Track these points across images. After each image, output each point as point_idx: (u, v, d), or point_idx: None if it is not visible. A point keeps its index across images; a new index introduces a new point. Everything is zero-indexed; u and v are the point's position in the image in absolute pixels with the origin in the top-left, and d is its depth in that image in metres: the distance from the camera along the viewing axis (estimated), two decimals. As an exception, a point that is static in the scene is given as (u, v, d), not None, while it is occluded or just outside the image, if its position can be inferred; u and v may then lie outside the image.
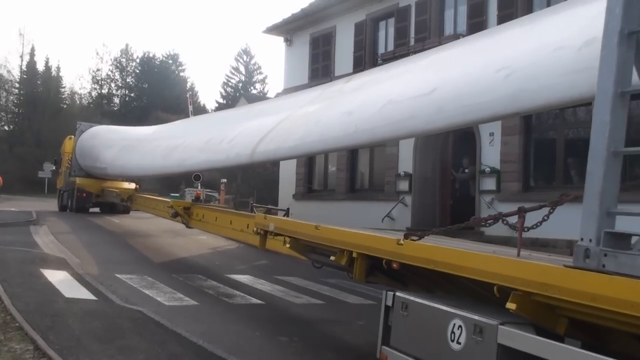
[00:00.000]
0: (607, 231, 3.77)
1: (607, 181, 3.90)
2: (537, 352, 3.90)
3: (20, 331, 7.55)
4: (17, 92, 71.98)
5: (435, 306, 5.04)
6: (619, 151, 3.89)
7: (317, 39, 24.57)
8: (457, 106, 7.36)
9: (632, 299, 3.41)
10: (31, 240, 17.91)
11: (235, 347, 7.80)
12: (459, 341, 4.66)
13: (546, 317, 4.29)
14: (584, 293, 3.77)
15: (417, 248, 5.56)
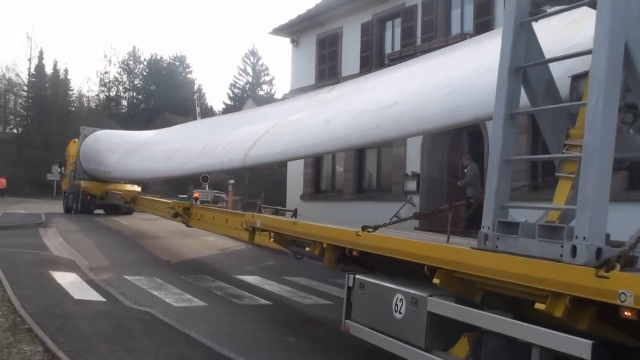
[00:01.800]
0: (500, 220, 4.90)
1: (500, 182, 5.00)
2: (456, 316, 5.14)
3: (30, 333, 7.55)
4: (25, 95, 71.94)
5: (384, 284, 6.25)
6: (509, 159, 5.01)
7: (323, 40, 24.49)
8: (412, 118, 8.37)
9: (515, 271, 4.56)
10: (40, 242, 17.91)
11: (244, 347, 7.77)
12: (400, 311, 5.82)
13: (465, 290, 5.34)
14: (485, 268, 4.91)
15: (370, 238, 6.65)
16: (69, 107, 72.58)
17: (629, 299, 3.67)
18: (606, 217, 4.14)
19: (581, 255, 4.06)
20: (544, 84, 5.14)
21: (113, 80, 79.08)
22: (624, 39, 4.20)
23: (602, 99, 4.09)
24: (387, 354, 6.17)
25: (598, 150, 4.17)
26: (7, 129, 70.67)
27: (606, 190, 4.20)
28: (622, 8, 4.18)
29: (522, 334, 4.47)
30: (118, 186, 27.70)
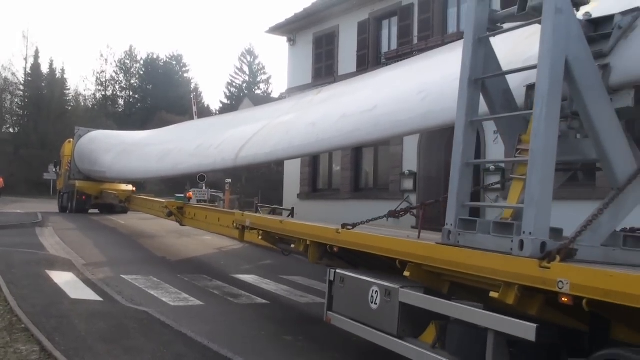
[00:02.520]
0: (461, 218, 5.39)
1: (461, 183, 5.47)
2: (424, 306, 5.71)
3: (27, 332, 7.57)
4: (21, 94, 71.75)
5: (361, 278, 6.79)
6: (469, 162, 5.48)
7: (320, 39, 24.51)
8: (389, 121, 8.81)
9: (473, 264, 5.07)
10: (37, 242, 17.94)
11: (241, 347, 7.79)
12: (376, 302, 6.35)
13: (433, 281, 5.86)
14: (448, 261, 5.41)
15: (349, 235, 7.17)
16: (66, 106, 72.40)
17: (566, 286, 4.18)
18: (549, 214, 4.61)
19: (527, 249, 4.55)
20: (502, 93, 5.59)
21: (109, 80, 78.94)
22: (565, 55, 4.68)
23: (545, 109, 4.59)
24: (382, 352, 6.43)
25: (542, 155, 4.64)
26: (4, 129, 70.50)
27: (549, 191, 4.64)
28: (563, 27, 4.65)
29: (479, 320, 5.00)
30: (112, 186, 28.14)
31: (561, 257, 4.36)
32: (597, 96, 4.86)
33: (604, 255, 4.78)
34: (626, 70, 4.94)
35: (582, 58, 4.79)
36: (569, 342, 4.72)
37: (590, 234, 4.67)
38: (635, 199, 4.98)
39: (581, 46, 4.83)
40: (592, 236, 4.70)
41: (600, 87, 4.88)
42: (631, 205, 4.95)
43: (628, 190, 4.93)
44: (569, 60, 4.72)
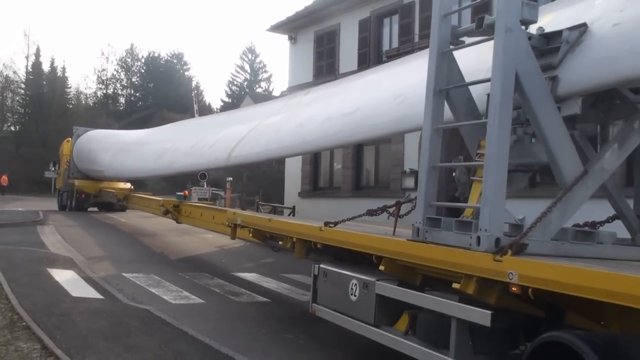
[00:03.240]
0: (428, 216, 5.88)
1: (428, 185, 5.97)
2: (398, 297, 6.26)
3: (28, 330, 7.61)
4: (23, 92, 72.01)
5: (341, 272, 7.30)
6: (435, 165, 5.98)
7: (321, 37, 24.56)
8: (369, 124, 9.15)
9: (438, 258, 5.62)
10: (38, 240, 18.04)
11: (242, 345, 7.84)
12: (355, 294, 6.86)
13: (407, 274, 6.34)
14: (417, 256, 5.99)
15: (331, 233, 7.68)
16: (67, 104, 72.64)
17: (515, 277, 4.70)
18: (503, 213, 5.16)
19: (483, 244, 5.06)
20: (465, 102, 6.06)
21: (111, 78, 79.18)
22: (515, 69, 5.19)
23: (497, 118, 5.11)
24: (381, 349, 6.68)
25: (495, 159, 5.15)
26: (5, 127, 70.79)
27: (502, 192, 5.17)
28: (512, 45, 5.17)
29: (444, 309, 5.56)
30: (111, 184, 28.74)
31: (513, 251, 4.88)
32: (545, 106, 5.36)
33: (554, 249, 5.24)
34: (572, 82, 5.46)
35: (530, 72, 5.29)
36: (528, 327, 5.14)
37: (540, 229, 5.16)
38: (582, 198, 5.43)
39: (530, 61, 5.34)
40: (542, 232, 5.18)
41: (548, 97, 5.38)
42: (578, 203, 5.41)
43: (575, 190, 5.38)
44: (519, 74, 5.21)
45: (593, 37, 5.52)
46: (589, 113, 6.11)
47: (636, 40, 5.19)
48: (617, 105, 6.10)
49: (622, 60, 5.23)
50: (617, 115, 6.20)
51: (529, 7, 5.33)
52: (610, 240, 5.68)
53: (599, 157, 5.71)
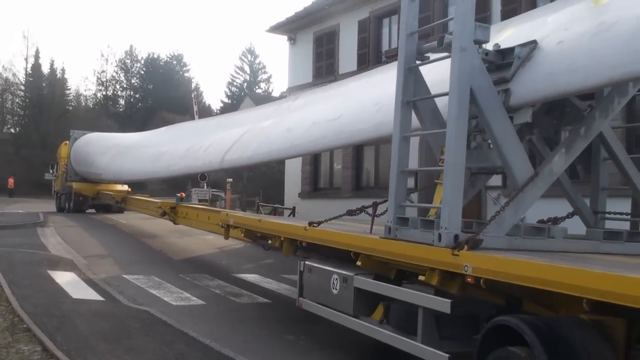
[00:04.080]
0: (398, 216, 6.54)
1: (398, 187, 6.67)
2: (374, 289, 6.90)
3: (28, 333, 7.67)
4: (22, 94, 72.04)
5: (324, 267, 7.97)
6: (404, 170, 6.72)
7: (320, 38, 24.63)
8: (350, 130, 9.73)
9: (407, 253, 6.30)
10: (38, 242, 18.13)
11: (243, 346, 7.91)
12: (336, 288, 7.50)
13: (382, 269, 6.96)
14: (389, 252, 6.61)
15: (314, 232, 8.32)
16: (67, 106, 72.75)
17: (469, 269, 5.33)
18: (460, 212, 5.79)
19: (444, 240, 5.72)
20: (430, 112, 6.70)
21: (110, 79, 79.06)
22: (470, 85, 5.82)
23: (454, 129, 5.75)
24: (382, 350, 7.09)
25: (453, 165, 5.78)
26: (5, 129, 70.82)
27: (460, 193, 5.79)
28: (467, 63, 5.81)
29: (412, 299, 6.21)
30: (109, 187, 29.23)
31: (469, 246, 5.49)
32: (498, 116, 6.02)
33: (508, 243, 5.87)
34: (522, 94, 6.10)
35: (483, 87, 5.94)
36: (490, 314, 5.61)
37: (495, 226, 5.83)
38: (533, 198, 6.06)
39: (483, 77, 5.98)
40: (497, 228, 5.84)
41: (500, 109, 6.05)
42: (529, 202, 6.05)
43: (526, 191, 6.01)
44: (473, 89, 5.85)
45: (541, 53, 6.13)
46: (544, 120, 6.96)
47: (574, 57, 5.78)
48: (567, 112, 6.84)
49: (562, 76, 5.86)
50: (568, 121, 6.95)
51: (481, 28, 6.01)
52: (561, 234, 6.28)
53: (548, 161, 6.34)
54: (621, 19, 5.59)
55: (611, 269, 4.67)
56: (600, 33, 5.68)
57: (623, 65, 5.31)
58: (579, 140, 6.45)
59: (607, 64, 5.47)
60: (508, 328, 4.74)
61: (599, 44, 5.64)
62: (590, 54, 5.66)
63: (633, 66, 5.26)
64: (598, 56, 5.58)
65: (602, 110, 6.54)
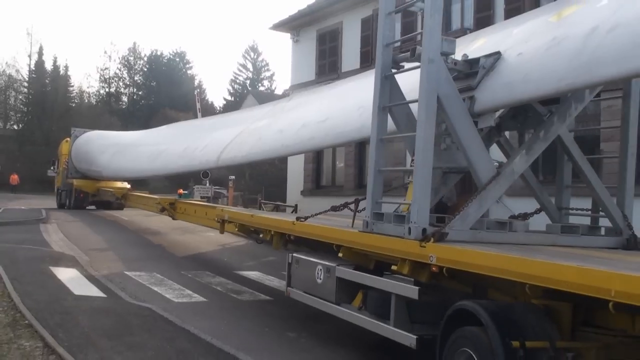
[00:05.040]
0: (374, 212, 7.18)
1: (375, 186, 7.25)
2: (353, 279, 7.52)
3: (30, 328, 7.73)
4: (25, 91, 72.34)
5: (310, 259, 8.64)
6: (381, 170, 7.28)
7: (323, 35, 24.74)
8: (335, 132, 10.25)
9: (381, 245, 6.93)
10: (41, 238, 18.26)
11: (245, 343, 7.98)
12: (320, 278, 8.15)
13: (361, 260, 7.59)
14: (366, 244, 7.27)
15: (301, 226, 9.04)
16: (70, 103, 72.93)
17: (434, 259, 5.99)
18: (428, 208, 6.46)
19: (413, 233, 6.35)
20: (405, 116, 7.27)
21: (113, 76, 79.13)
22: (437, 93, 6.46)
23: (423, 133, 6.40)
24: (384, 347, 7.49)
25: (421, 165, 6.42)
26: (8, 125, 71.00)
27: (428, 191, 6.45)
28: (434, 73, 6.44)
29: (386, 286, 6.87)
30: (109, 184, 29.93)
31: (435, 239, 6.15)
32: (463, 121, 6.64)
33: (472, 236, 6.47)
34: (484, 101, 6.75)
35: (449, 94, 6.57)
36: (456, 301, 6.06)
37: (460, 221, 6.44)
38: (495, 195, 6.70)
39: (449, 86, 6.62)
40: (462, 223, 6.45)
41: (465, 114, 6.68)
42: (491, 199, 6.68)
43: (489, 189, 6.61)
44: (440, 97, 6.49)
45: (503, 63, 6.77)
46: (510, 123, 7.64)
47: (529, 69, 6.42)
48: (530, 117, 7.39)
49: (518, 85, 6.50)
50: (531, 125, 7.50)
51: (447, 41, 6.67)
52: (523, 228, 6.93)
53: (510, 162, 6.96)
54: (570, 35, 6.25)
55: (553, 258, 5.26)
56: (552, 47, 6.33)
57: (569, 77, 5.99)
58: (539, 143, 7.04)
59: (555, 75, 6.13)
60: (467, 311, 5.40)
61: (550, 58, 6.28)
62: (542, 66, 6.31)
63: (577, 78, 5.95)
64: (548, 68, 6.23)
65: (560, 115, 7.13)
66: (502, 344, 4.92)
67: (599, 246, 7.11)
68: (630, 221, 7.34)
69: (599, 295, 4.39)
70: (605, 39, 5.79)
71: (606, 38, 5.78)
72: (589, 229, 7.48)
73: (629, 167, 7.38)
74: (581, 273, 4.63)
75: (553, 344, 4.95)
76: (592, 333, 5.18)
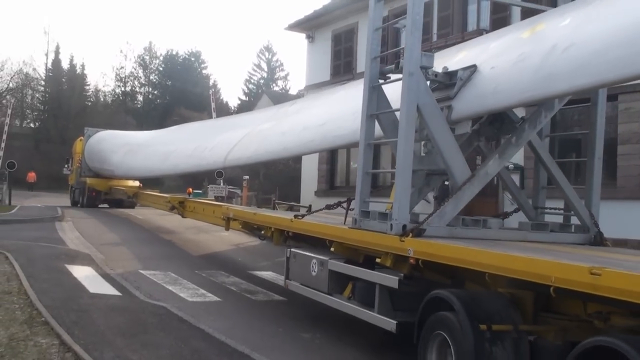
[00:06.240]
0: (362, 210, 7.99)
1: (363, 186, 8.06)
2: (344, 271, 8.18)
3: (46, 326, 7.81)
4: (42, 90, 73.29)
5: (305, 253, 9.34)
6: (368, 172, 8.12)
7: (339, 36, 24.88)
8: (332, 135, 10.93)
9: (367, 240, 7.65)
10: (57, 236, 18.50)
11: (259, 343, 8.05)
12: (314, 270, 8.86)
13: (352, 254, 8.33)
14: (354, 240, 8.03)
15: (299, 223, 9.88)
16: (85, 101, 73.77)
17: (412, 252, 6.71)
18: (407, 207, 7.18)
19: (394, 229, 7.11)
20: (391, 123, 7.87)
21: (129, 76, 79.57)
22: (417, 102, 7.16)
23: (404, 138, 7.14)
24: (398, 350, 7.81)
25: (402, 168, 7.18)
26: (24, 124, 71.58)
27: (408, 191, 7.18)
28: (414, 85, 7.13)
29: (371, 277, 7.55)
30: (121, 182, 30.83)
31: (413, 234, 6.91)
32: (440, 128, 7.34)
33: (449, 232, 7.21)
34: (460, 110, 7.46)
35: (428, 104, 7.27)
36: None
37: (437, 218, 7.18)
38: (469, 195, 7.33)
39: (428, 96, 7.34)
40: (439, 220, 7.19)
41: (443, 122, 7.38)
42: (466, 198, 7.33)
43: (463, 189, 7.27)
44: (419, 106, 7.19)
45: (478, 76, 7.43)
46: (488, 129, 8.26)
47: (499, 82, 7.12)
48: (505, 123, 8.08)
49: (488, 96, 7.19)
50: (506, 131, 8.16)
51: (426, 56, 7.35)
52: (497, 225, 7.65)
53: (484, 165, 7.62)
54: (534, 52, 6.95)
55: (510, 250, 6.00)
56: (518, 62, 7.03)
57: (530, 90, 6.74)
58: (511, 148, 7.78)
59: (519, 88, 6.86)
60: (441, 299, 6.12)
61: (517, 72, 6.99)
62: (510, 79, 7.03)
63: (536, 91, 6.70)
64: (515, 82, 6.95)
65: (531, 123, 7.85)
66: (471, 326, 5.59)
67: (568, 242, 7.82)
68: (596, 219, 8.06)
69: (542, 282, 5.15)
70: (560, 57, 6.50)
71: (561, 56, 6.49)
72: (560, 226, 8.17)
73: (596, 170, 8.09)
74: (527, 263, 5.41)
75: (516, 327, 5.66)
76: (551, 318, 5.84)
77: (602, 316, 5.16)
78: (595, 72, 6.17)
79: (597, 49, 6.19)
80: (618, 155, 14.24)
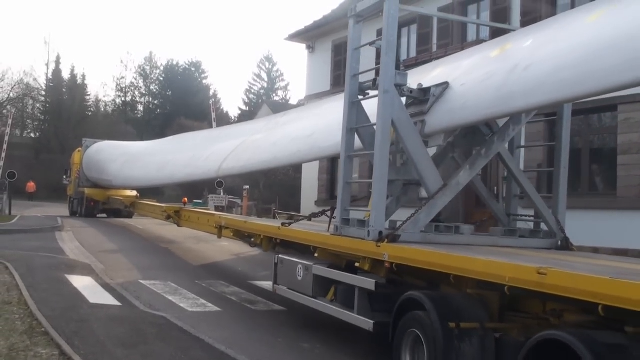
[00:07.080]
0: (343, 218, 8.59)
1: (344, 195, 8.71)
2: (327, 275, 8.65)
3: (46, 336, 7.86)
4: (43, 99, 73.65)
5: (292, 259, 9.89)
6: (348, 182, 8.77)
7: (339, 46, 25.11)
8: (319, 146, 11.40)
9: (347, 246, 8.20)
10: (57, 246, 18.59)
11: (258, 353, 8.13)
12: (300, 275, 9.35)
13: (335, 259, 8.82)
14: (335, 246, 8.58)
15: (286, 231, 10.42)
16: (86, 112, 74.15)
17: (387, 257, 7.24)
18: (384, 214, 7.75)
19: (371, 235, 7.64)
20: (370, 136, 8.34)
21: (129, 86, 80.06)
22: (391, 118, 7.70)
23: (379, 151, 7.68)
24: None
25: (378, 178, 7.74)
26: (25, 134, 71.76)
27: (383, 200, 7.74)
28: (389, 101, 7.66)
29: (351, 281, 8.06)
30: (119, 192, 31.50)
31: (388, 240, 7.45)
32: (414, 141, 7.87)
33: (423, 238, 7.75)
34: (432, 125, 8.02)
35: (402, 119, 7.82)
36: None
37: (412, 225, 7.74)
38: (442, 203, 7.93)
39: (402, 112, 7.90)
40: (413, 226, 7.75)
41: (417, 135, 7.93)
42: (439, 206, 7.91)
43: (436, 198, 7.86)
44: (394, 121, 7.74)
45: (450, 92, 7.95)
46: (462, 141, 8.80)
47: (467, 98, 7.61)
48: (477, 136, 8.62)
49: (457, 112, 7.69)
50: (477, 143, 8.67)
51: (400, 75, 7.93)
52: (469, 231, 8.21)
53: (455, 175, 8.13)
54: (499, 70, 7.47)
55: (473, 254, 6.52)
56: (485, 80, 7.54)
57: (493, 107, 7.24)
58: (481, 159, 8.26)
59: (484, 105, 7.38)
60: (414, 300, 6.65)
61: (483, 89, 7.48)
62: (477, 96, 7.55)
63: (498, 108, 7.18)
64: (480, 98, 7.46)
65: (500, 135, 8.41)
66: (441, 324, 6.15)
67: (536, 247, 8.40)
68: (563, 226, 8.63)
69: (498, 281, 5.73)
70: (520, 76, 7.01)
71: (521, 75, 7.01)
72: (530, 232, 8.79)
73: (562, 179, 8.64)
74: (485, 264, 6.02)
75: (483, 324, 6.20)
76: (515, 316, 6.37)
77: (556, 313, 5.71)
78: (548, 91, 6.72)
79: (551, 69, 6.74)
80: (618, 166, 14.43)
